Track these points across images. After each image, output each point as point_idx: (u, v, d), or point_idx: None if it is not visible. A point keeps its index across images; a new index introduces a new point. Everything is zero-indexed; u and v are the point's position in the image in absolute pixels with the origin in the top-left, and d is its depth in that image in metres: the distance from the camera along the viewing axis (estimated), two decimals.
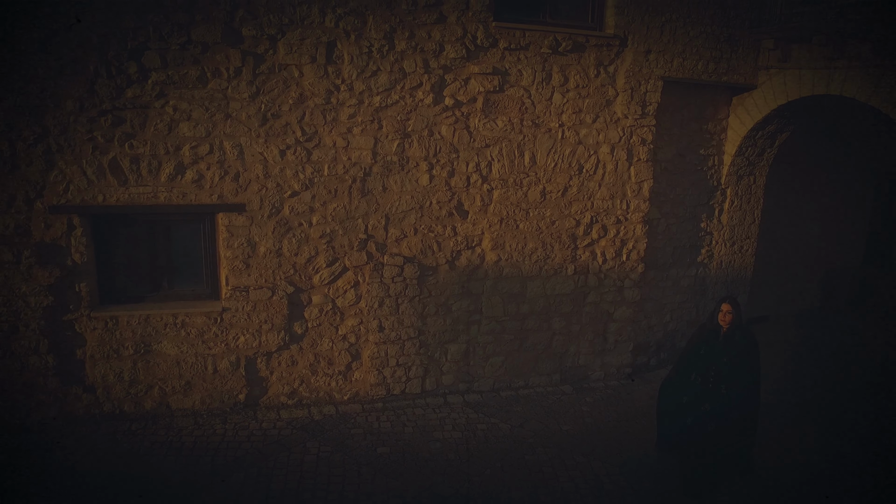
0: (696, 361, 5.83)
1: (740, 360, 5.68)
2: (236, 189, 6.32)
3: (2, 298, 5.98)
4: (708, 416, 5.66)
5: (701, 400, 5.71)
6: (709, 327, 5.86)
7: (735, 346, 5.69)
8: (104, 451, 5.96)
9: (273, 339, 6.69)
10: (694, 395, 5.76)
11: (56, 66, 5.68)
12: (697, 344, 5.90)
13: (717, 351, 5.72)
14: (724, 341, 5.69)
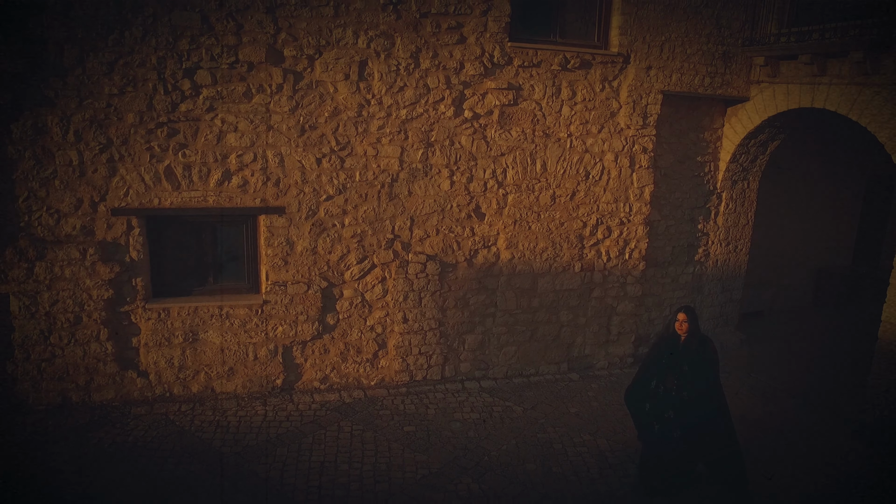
0: (656, 370, 5.95)
1: (699, 367, 5.78)
2: (277, 193, 7.09)
3: (69, 291, 6.77)
4: (672, 424, 5.81)
5: (664, 408, 5.85)
6: (667, 336, 5.98)
7: (693, 353, 5.81)
8: (160, 429, 6.74)
9: (308, 329, 7.47)
10: (656, 403, 5.89)
11: (120, 84, 6.45)
12: (657, 352, 6.02)
13: (675, 359, 5.85)
14: (683, 349, 5.82)
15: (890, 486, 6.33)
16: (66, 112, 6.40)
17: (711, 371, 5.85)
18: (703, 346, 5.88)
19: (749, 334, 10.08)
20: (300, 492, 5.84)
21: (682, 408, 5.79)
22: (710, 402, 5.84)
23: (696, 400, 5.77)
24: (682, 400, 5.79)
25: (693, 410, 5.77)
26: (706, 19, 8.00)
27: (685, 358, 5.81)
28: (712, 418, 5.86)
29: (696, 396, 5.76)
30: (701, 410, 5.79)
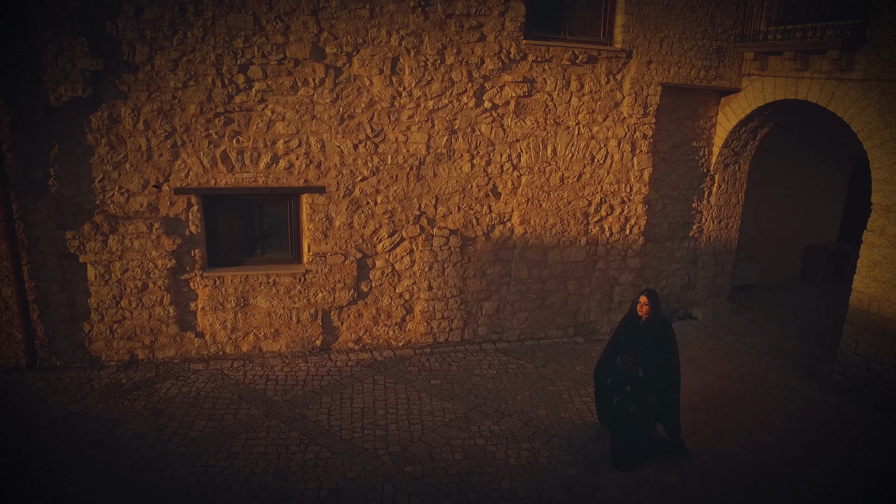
0: (619, 348, 6.55)
1: (657, 346, 6.38)
2: (318, 175, 8.09)
3: (137, 261, 7.80)
4: (630, 397, 6.41)
5: (624, 382, 6.45)
6: (630, 317, 6.56)
7: (652, 334, 6.38)
8: (218, 382, 7.81)
9: (344, 295, 8.51)
10: (617, 378, 6.52)
11: (184, 79, 7.42)
12: (620, 332, 6.61)
13: (636, 338, 6.44)
14: (643, 330, 6.40)
15: (853, 433, 7.40)
16: (136, 104, 7.39)
17: (669, 351, 6.46)
18: (662, 327, 6.46)
19: (739, 305, 11.15)
20: (346, 431, 6.92)
21: (639, 383, 6.39)
22: (666, 379, 6.44)
23: (653, 377, 6.38)
24: (640, 376, 6.39)
25: (650, 386, 6.38)
26: (701, 17, 8.95)
27: (644, 338, 6.40)
28: (667, 395, 6.48)
29: (652, 373, 6.38)
30: (657, 386, 6.40)
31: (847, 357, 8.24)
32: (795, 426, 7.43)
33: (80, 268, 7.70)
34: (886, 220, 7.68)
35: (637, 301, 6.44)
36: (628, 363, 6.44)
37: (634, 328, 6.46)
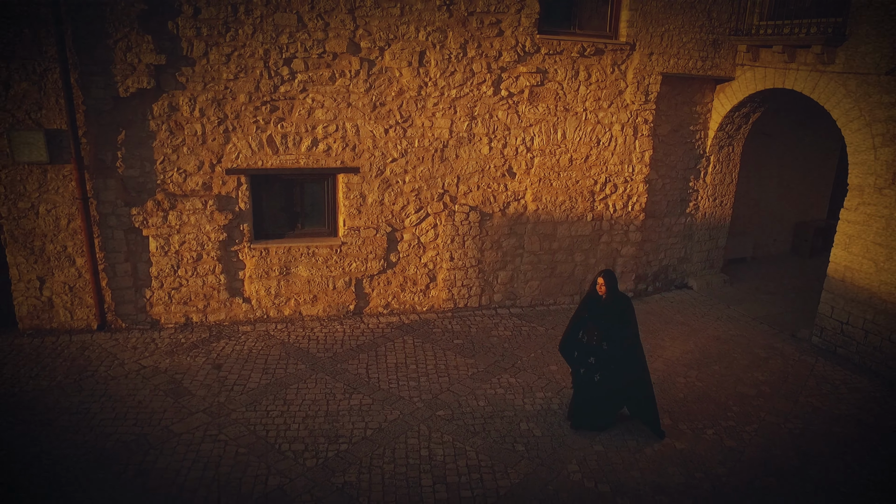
0: (582, 323, 7.05)
1: (616, 322, 6.85)
2: (353, 156, 9.08)
3: (193, 234, 8.83)
4: (594, 368, 6.95)
5: (588, 355, 6.98)
6: (591, 295, 7.00)
7: (611, 310, 6.85)
8: (266, 341, 8.90)
9: (375, 265, 9.56)
10: (582, 351, 7.03)
11: (235, 71, 8.38)
12: (583, 309, 7.07)
13: (596, 314, 6.93)
14: (603, 306, 6.89)
15: (824, 387, 8.49)
16: (193, 94, 8.35)
17: (627, 326, 6.92)
18: (620, 304, 6.93)
19: (732, 276, 12.21)
20: (383, 382, 8.01)
21: (602, 356, 6.91)
22: (626, 352, 6.91)
23: (614, 349, 6.89)
24: (603, 349, 6.90)
25: (612, 358, 6.89)
26: (699, 13, 9.87)
27: (604, 314, 6.89)
28: (630, 367, 6.97)
29: (613, 347, 6.87)
30: (619, 358, 6.89)
31: (824, 321, 9.32)
32: (775, 381, 8.53)
33: (143, 240, 8.74)
34: (860, 199, 8.71)
35: (595, 281, 6.94)
36: (592, 337, 6.94)
37: (595, 305, 6.95)
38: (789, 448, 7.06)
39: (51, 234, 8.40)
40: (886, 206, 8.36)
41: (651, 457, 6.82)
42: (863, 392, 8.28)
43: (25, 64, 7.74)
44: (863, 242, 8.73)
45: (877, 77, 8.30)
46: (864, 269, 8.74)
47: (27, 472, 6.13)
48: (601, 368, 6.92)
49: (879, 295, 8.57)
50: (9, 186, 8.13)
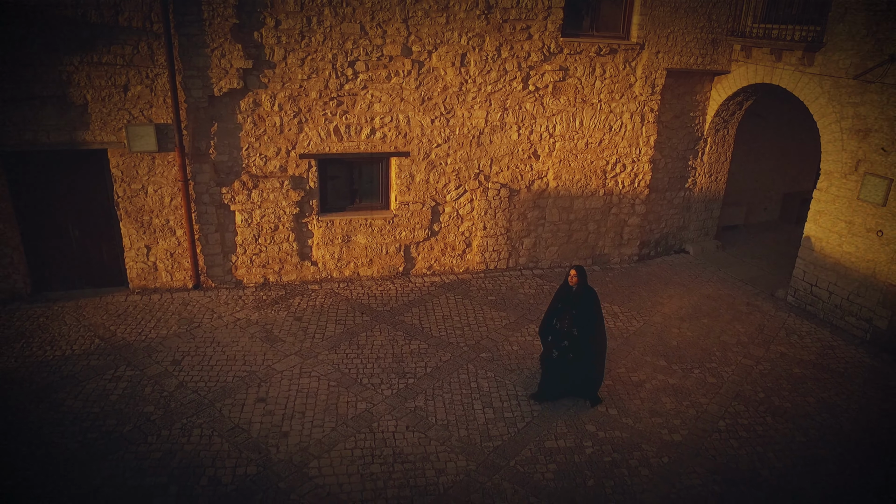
0: (556, 312, 8.17)
1: (586, 311, 7.98)
2: (404, 142, 10.87)
3: (271, 209, 10.69)
4: (567, 350, 8.08)
5: (562, 338, 8.08)
6: (564, 286, 8.16)
7: (581, 300, 7.97)
8: (332, 298, 10.87)
9: (421, 234, 11.45)
10: (556, 335, 8.12)
11: (308, 72, 10.11)
12: (557, 300, 8.21)
13: (569, 304, 8.04)
14: (574, 297, 8.01)
15: (792, 338, 10.48)
16: (273, 92, 10.10)
17: (594, 315, 8.08)
18: (589, 295, 8.05)
19: (724, 242, 14.14)
20: (434, 331, 10.01)
21: (573, 339, 8.05)
22: (592, 337, 8.05)
23: (583, 335, 8.03)
24: (574, 334, 8.04)
25: (581, 342, 8.05)
26: (700, 16, 11.50)
27: (575, 304, 8.03)
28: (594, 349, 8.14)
29: (582, 332, 8.01)
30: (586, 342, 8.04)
31: (797, 283, 11.27)
32: (753, 332, 10.54)
33: (231, 214, 10.61)
34: (829, 183, 10.54)
35: (568, 274, 8.08)
36: (564, 323, 8.10)
37: (568, 295, 8.12)
38: (758, 384, 9.10)
39: (157, 210, 10.28)
40: (849, 189, 10.20)
41: (650, 390, 8.85)
42: (823, 342, 10.29)
43: (140, 71, 9.48)
44: (829, 218, 10.61)
45: (847, 80, 10.03)
46: (830, 241, 10.64)
47: (175, 398, 8.16)
48: (572, 350, 8.10)
49: (841, 262, 10.49)
50: (125, 171, 9.96)
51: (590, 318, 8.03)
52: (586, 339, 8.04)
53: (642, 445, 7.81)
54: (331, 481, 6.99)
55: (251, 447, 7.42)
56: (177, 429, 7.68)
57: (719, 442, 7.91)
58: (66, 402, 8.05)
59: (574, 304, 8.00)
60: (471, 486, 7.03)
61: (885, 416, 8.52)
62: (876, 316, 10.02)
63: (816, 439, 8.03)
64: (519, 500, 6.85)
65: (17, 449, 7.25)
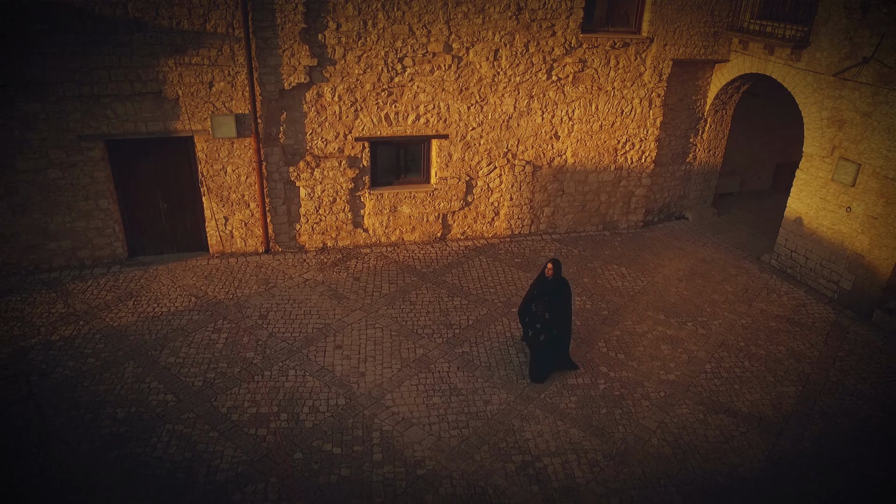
0: (533, 297, 9.67)
1: (558, 298, 9.51)
2: (444, 126, 12.74)
3: (330, 184, 12.64)
4: (541, 330, 9.62)
5: (536, 321, 9.64)
6: (542, 277, 9.64)
7: (555, 289, 9.47)
8: (382, 260, 12.96)
9: (456, 204, 13.45)
10: (533, 318, 9.71)
11: (363, 68, 11.91)
12: (535, 287, 9.71)
13: (544, 291, 9.54)
14: (549, 286, 9.50)
15: (772, 295, 12.60)
16: (334, 85, 11.91)
17: (565, 302, 9.64)
18: (561, 284, 9.60)
19: (720, 209, 16.14)
20: (473, 289, 12.12)
21: (545, 323, 9.60)
22: (563, 320, 9.67)
23: (555, 318, 9.57)
24: (546, 318, 9.57)
25: (553, 325, 9.60)
26: (704, 12, 13.21)
27: (549, 291, 9.54)
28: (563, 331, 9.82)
29: (554, 316, 9.56)
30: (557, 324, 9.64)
31: (780, 249, 13.34)
32: (739, 291, 12.66)
33: (296, 189, 12.58)
34: (809, 164, 12.48)
35: (545, 266, 9.57)
36: (539, 308, 9.62)
37: (544, 284, 9.60)
38: (739, 335, 11.27)
39: (234, 187, 12.23)
40: (825, 170, 12.16)
41: (651, 339, 11.01)
42: (798, 300, 12.43)
43: (223, 70, 11.29)
44: (808, 194, 12.59)
45: (827, 77, 11.85)
46: (808, 214, 12.65)
47: (269, 346, 10.31)
48: (544, 332, 9.65)
49: (817, 233, 12.53)
50: (208, 154, 11.87)
51: (561, 305, 9.62)
52: (556, 322, 9.64)
53: (644, 383, 10.01)
54: (403, 409, 9.20)
55: (337, 384, 9.62)
56: (276, 370, 9.86)
57: (705, 381, 10.12)
58: (181, 349, 10.22)
59: (549, 293, 9.57)
60: (511, 412, 9.24)
61: (839, 361, 10.72)
62: (843, 279, 12.13)
63: (783, 379, 10.24)
64: (549, 423, 9.08)
65: (156, 386, 9.44)
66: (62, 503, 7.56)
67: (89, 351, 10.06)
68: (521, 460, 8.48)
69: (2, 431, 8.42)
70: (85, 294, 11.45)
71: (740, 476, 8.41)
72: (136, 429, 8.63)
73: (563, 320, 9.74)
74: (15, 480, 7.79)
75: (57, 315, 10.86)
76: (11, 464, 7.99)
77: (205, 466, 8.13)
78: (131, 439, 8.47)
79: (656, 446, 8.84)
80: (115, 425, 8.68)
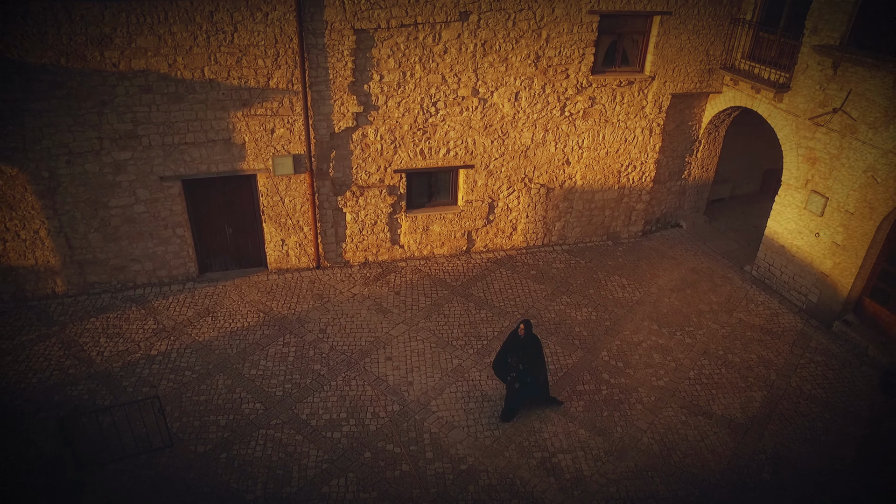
0: (508, 351, 11.26)
1: (531, 353, 11.15)
2: (470, 158, 15.02)
3: (372, 209, 14.99)
4: (515, 379, 11.26)
5: (511, 371, 11.29)
6: (514, 334, 11.19)
7: (527, 345, 11.09)
8: (417, 274, 15.43)
9: (480, 222, 15.84)
10: (508, 369, 11.33)
11: (402, 111, 14.09)
12: (509, 342, 11.26)
13: (517, 347, 11.16)
14: (522, 342, 11.12)
15: (751, 305, 15.13)
16: (377, 127, 14.14)
17: (537, 355, 11.32)
18: (533, 341, 11.23)
19: (712, 216, 18.56)
20: (495, 301, 14.63)
21: (520, 372, 11.30)
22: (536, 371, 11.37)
23: (527, 369, 11.28)
24: (520, 369, 11.27)
25: (526, 374, 11.31)
26: (701, 53, 15.30)
27: (522, 346, 11.18)
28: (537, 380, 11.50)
29: (526, 367, 11.26)
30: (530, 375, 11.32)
31: (760, 262, 15.83)
32: (723, 301, 15.21)
33: (342, 214, 14.94)
34: (786, 192, 14.84)
35: (518, 326, 11.16)
36: (514, 360, 11.29)
37: (518, 340, 11.22)
38: (719, 344, 13.87)
39: (290, 214, 14.58)
40: (799, 199, 14.53)
41: (645, 348, 13.60)
42: (772, 310, 15.00)
43: (283, 118, 13.50)
44: (785, 218, 15.00)
45: (804, 120, 14.09)
46: (784, 234, 15.08)
47: (331, 358, 12.85)
48: (518, 380, 11.39)
49: (790, 251, 14.99)
50: (269, 188, 14.18)
51: (532, 358, 11.34)
52: (529, 372, 11.40)
53: (638, 388, 12.65)
54: (445, 413, 11.84)
55: (391, 392, 12.23)
56: (340, 380, 12.46)
57: (688, 386, 12.76)
58: (260, 362, 12.79)
59: (521, 348, 11.29)
60: (532, 415, 11.88)
61: (800, 368, 13.36)
62: (810, 292, 14.66)
63: (752, 385, 12.89)
64: (562, 424, 11.73)
65: (245, 396, 12.04)
66: (197, 493, 10.25)
67: (185, 364, 12.65)
68: (541, 456, 11.16)
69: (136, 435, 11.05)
70: (169, 311, 13.97)
71: (711, 469, 11.12)
72: (236, 433, 11.28)
73: (537, 369, 11.53)
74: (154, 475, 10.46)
75: (150, 331, 13.41)
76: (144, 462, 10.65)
77: (296, 464, 10.81)
78: (235, 442, 11.13)
79: (646, 444, 11.52)
80: (220, 430, 11.32)
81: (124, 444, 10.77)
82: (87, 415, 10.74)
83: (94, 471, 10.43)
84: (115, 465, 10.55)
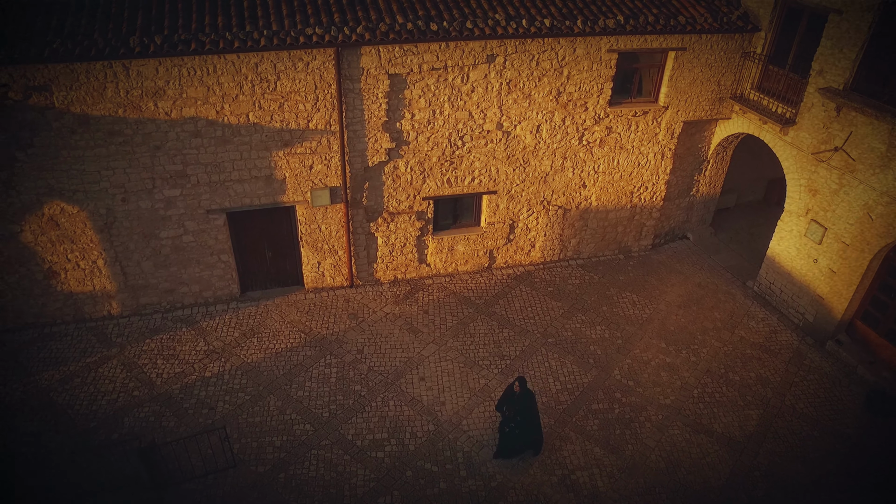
0: (505, 403, 12.46)
1: (526, 405, 12.25)
2: (493, 185, 16.38)
3: (402, 233, 16.41)
4: (510, 428, 12.44)
5: (508, 422, 12.41)
6: (510, 389, 12.39)
7: (522, 399, 12.21)
8: (442, 292, 16.96)
9: (501, 242, 17.31)
10: (505, 418, 12.49)
11: (431, 145, 15.38)
12: (505, 396, 12.49)
13: (514, 400, 12.32)
14: (517, 396, 12.26)
15: (751, 322, 16.72)
16: (407, 160, 15.46)
17: (531, 407, 12.40)
18: (527, 395, 12.34)
19: (718, 226, 20.01)
20: (516, 320, 16.20)
21: (517, 423, 12.41)
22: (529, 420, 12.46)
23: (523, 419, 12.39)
24: (516, 419, 12.37)
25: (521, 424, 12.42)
26: (712, 84, 16.51)
27: (518, 400, 12.34)
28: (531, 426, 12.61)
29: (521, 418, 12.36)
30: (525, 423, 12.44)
31: (761, 279, 17.37)
32: (725, 318, 16.79)
33: (374, 238, 16.37)
34: (789, 219, 16.27)
35: (514, 383, 12.35)
36: (511, 411, 12.46)
37: (513, 397, 12.44)
38: (721, 362, 15.51)
39: (326, 240, 16.01)
40: (800, 226, 15.98)
41: (654, 367, 15.22)
42: (771, 327, 16.60)
43: (321, 156, 14.80)
44: (786, 242, 16.46)
45: (807, 154, 15.42)
46: (784, 258, 16.58)
47: (370, 379, 14.46)
48: (515, 427, 12.57)
49: (790, 273, 16.51)
50: (307, 217, 15.57)
51: (525, 411, 12.48)
52: (524, 423, 12.57)
53: (647, 407, 14.33)
54: (476, 433, 13.52)
55: (426, 412, 13.89)
56: (379, 401, 14.10)
57: (692, 404, 14.45)
58: (305, 384, 14.40)
59: (516, 402, 12.50)
60: (552, 434, 13.57)
61: (794, 386, 15.02)
62: (807, 312, 16.25)
63: (750, 403, 14.57)
64: (579, 443, 13.43)
65: (295, 417, 13.68)
66: None
67: (237, 386, 14.27)
68: (561, 473, 12.89)
69: (203, 456, 12.71)
70: (217, 331, 15.53)
71: (711, 486, 12.87)
72: (291, 454, 12.96)
73: (530, 420, 12.61)
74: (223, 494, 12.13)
75: (202, 352, 14.99)
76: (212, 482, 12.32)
77: (346, 483, 12.51)
78: (290, 462, 12.82)
79: (654, 461, 13.25)
80: (276, 451, 13.00)
81: (193, 465, 12.47)
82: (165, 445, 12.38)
83: (171, 490, 12.16)
84: (187, 485, 12.28)
